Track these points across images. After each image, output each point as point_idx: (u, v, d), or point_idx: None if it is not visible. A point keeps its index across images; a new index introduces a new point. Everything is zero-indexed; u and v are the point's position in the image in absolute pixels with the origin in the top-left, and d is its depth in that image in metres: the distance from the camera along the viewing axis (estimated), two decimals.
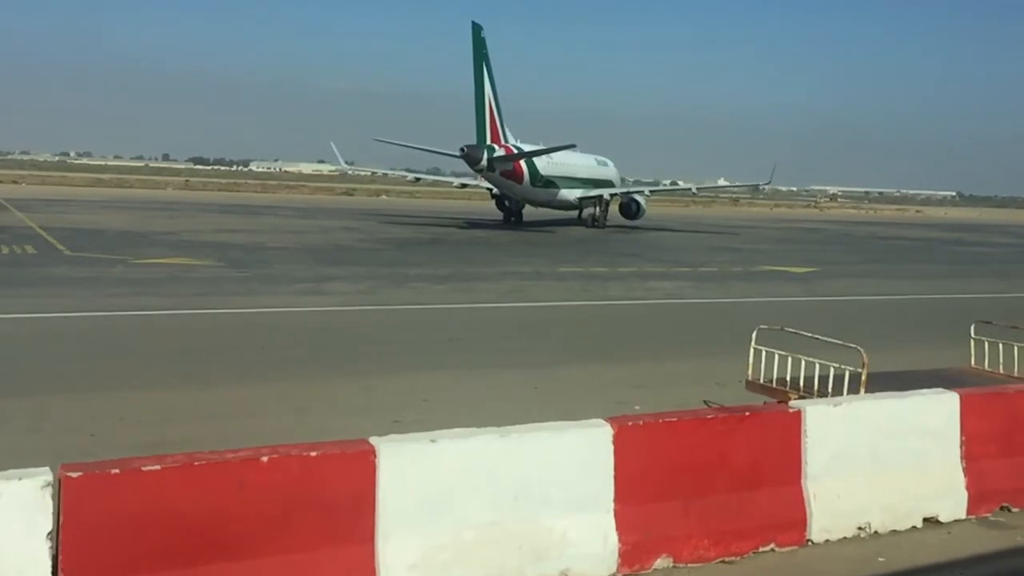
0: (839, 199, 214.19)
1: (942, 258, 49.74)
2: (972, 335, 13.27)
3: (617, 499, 7.57)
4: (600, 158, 70.15)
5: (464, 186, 70.12)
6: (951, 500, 9.16)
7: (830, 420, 8.68)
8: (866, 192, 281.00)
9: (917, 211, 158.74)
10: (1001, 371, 12.76)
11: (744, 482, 8.18)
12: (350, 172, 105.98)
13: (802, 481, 8.47)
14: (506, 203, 63.70)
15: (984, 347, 13.13)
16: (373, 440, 6.71)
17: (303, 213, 67.31)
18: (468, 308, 23.27)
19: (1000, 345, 12.93)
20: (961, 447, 9.27)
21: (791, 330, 11.74)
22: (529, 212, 64.98)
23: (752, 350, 11.88)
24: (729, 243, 53.63)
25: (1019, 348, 12.71)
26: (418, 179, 78.03)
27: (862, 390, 10.37)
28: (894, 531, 8.81)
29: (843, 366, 10.75)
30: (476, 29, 55.97)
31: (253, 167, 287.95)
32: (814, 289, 30.55)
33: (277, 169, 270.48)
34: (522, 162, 57.36)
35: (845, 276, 35.35)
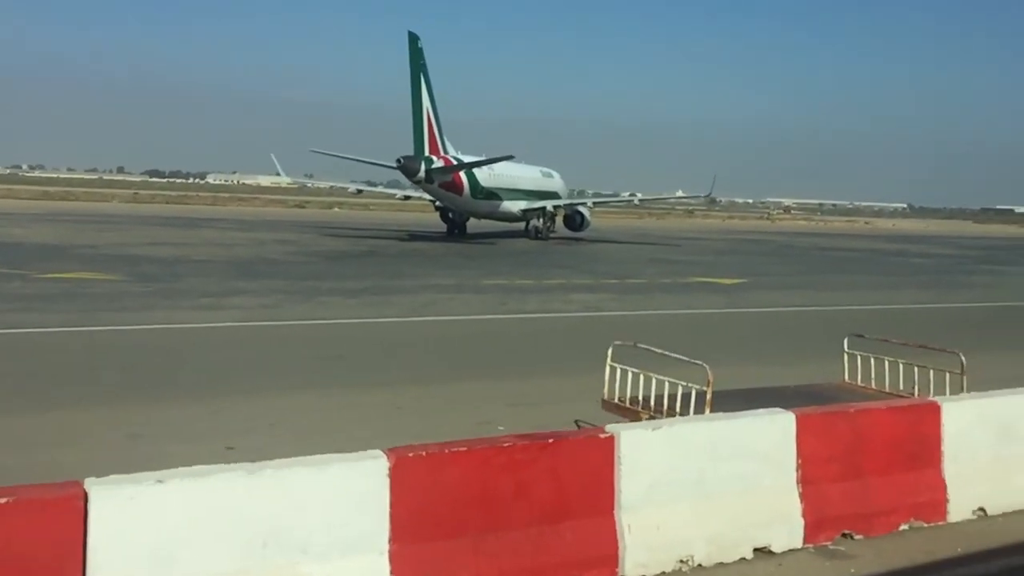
0: (792, 211, 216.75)
1: (877, 269, 49.88)
2: (845, 349, 12.83)
3: (393, 539, 6.86)
4: (545, 170, 69.80)
5: (408, 198, 69.26)
6: (786, 528, 8.59)
7: (648, 445, 8.07)
8: (820, 204, 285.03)
9: (866, 223, 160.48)
10: (873, 386, 12.35)
11: (547, 515, 7.53)
12: (309, 185, 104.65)
13: (615, 512, 7.84)
14: (450, 215, 63.00)
15: (857, 361, 12.69)
16: (87, 483, 5.92)
17: (245, 226, 65.92)
18: (370, 323, 22.49)
19: (872, 359, 12.51)
20: (797, 470, 8.72)
21: (643, 346, 11.16)
22: (477, 224, 64.29)
23: (608, 367, 11.29)
24: (669, 255, 53.42)
25: (889, 362, 12.31)
26: (360, 191, 77.14)
27: (707, 409, 9.82)
28: (720, 563, 8.21)
29: (690, 384, 10.19)
30: (413, 39, 55.29)
31: (210, 179, 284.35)
32: (737, 301, 30.21)
33: (235, 181, 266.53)
34: (462, 173, 56.70)
35: (772, 288, 35.13)
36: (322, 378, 15.73)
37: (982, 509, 9.74)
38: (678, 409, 10.19)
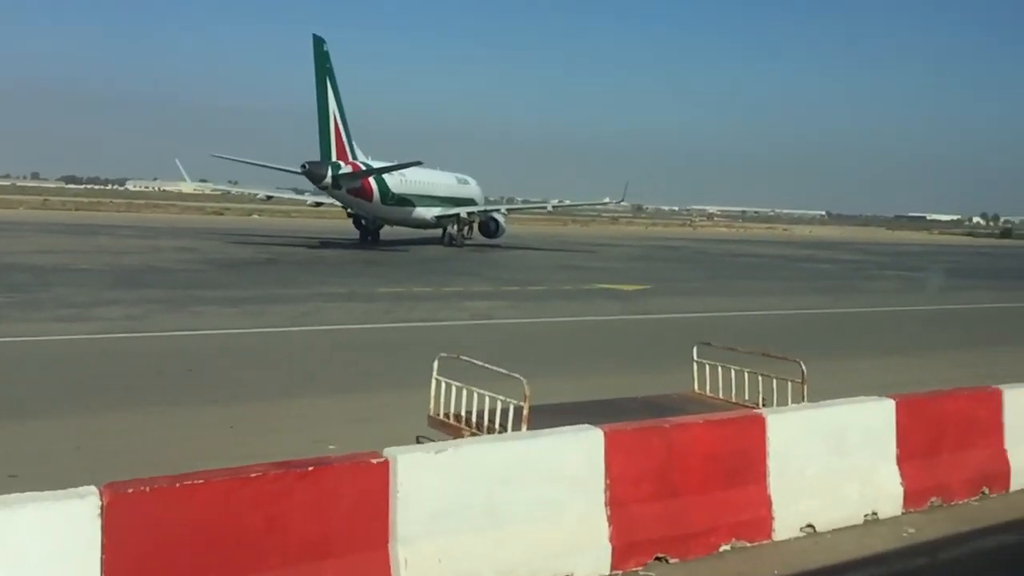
0: (715, 218, 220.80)
1: (781, 275, 50.45)
2: (695, 357, 12.38)
3: None
4: (461, 176, 69.12)
5: (319, 204, 67.62)
6: (591, 555, 7.95)
7: (431, 470, 7.34)
8: (743, 211, 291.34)
9: (784, 229, 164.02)
10: (721, 396, 11.92)
11: (307, 553, 6.73)
12: (232, 192, 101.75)
13: (390, 545, 7.09)
14: (363, 222, 61.67)
15: (706, 370, 12.26)
16: None
17: (149, 233, 63.35)
18: (238, 334, 21.30)
19: (720, 369, 12.08)
20: (605, 492, 8.10)
21: (466, 359, 10.47)
22: (396, 232, 62.89)
23: (433, 381, 10.57)
24: (580, 261, 53.21)
25: (735, 371, 11.90)
26: (270, 197, 75.19)
27: (524, 426, 9.17)
28: None
29: (509, 399, 9.53)
30: (318, 43, 53.82)
31: (130, 186, 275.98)
32: (633, 308, 29.90)
33: (156, 188, 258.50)
34: (371, 179, 55.52)
35: (673, 294, 34.95)
36: (159, 395, 14.60)
37: (811, 526, 9.31)
38: (497, 425, 9.53)
